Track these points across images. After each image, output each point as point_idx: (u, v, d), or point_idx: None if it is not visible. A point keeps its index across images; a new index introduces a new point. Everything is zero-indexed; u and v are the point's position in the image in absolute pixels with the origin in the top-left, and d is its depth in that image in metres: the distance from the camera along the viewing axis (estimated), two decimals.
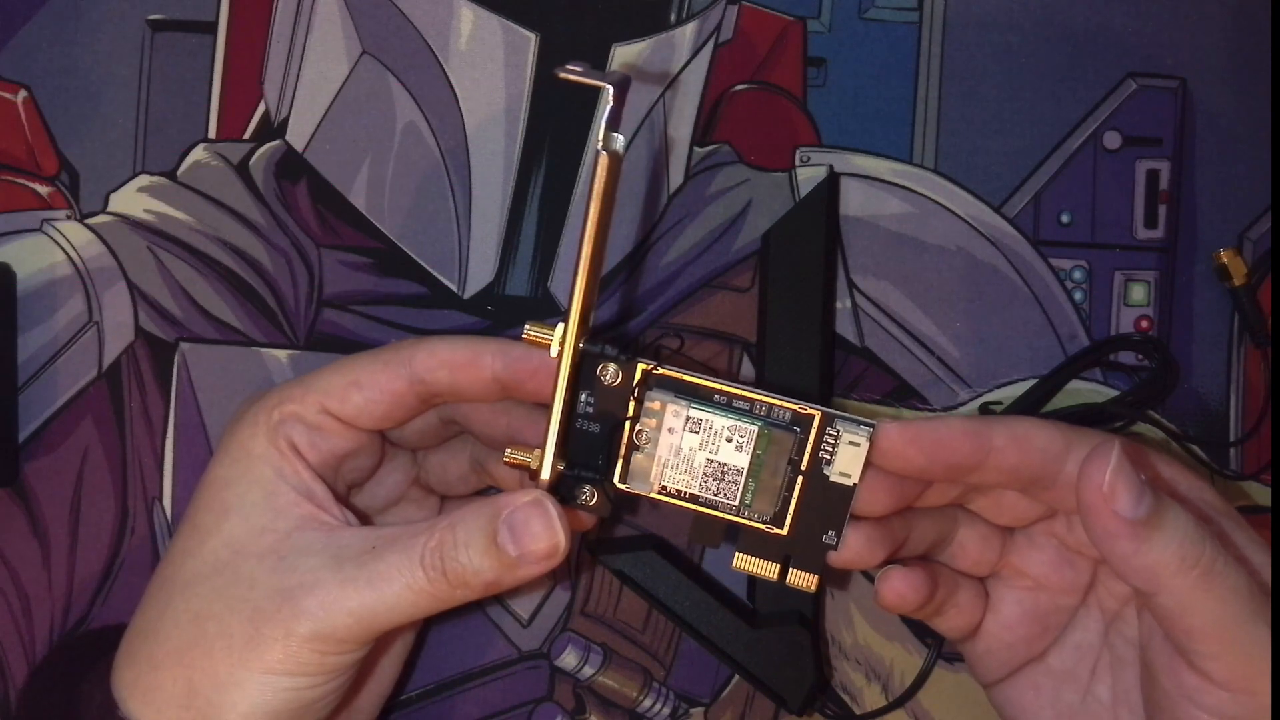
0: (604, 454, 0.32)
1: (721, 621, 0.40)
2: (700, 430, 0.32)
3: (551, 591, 0.43)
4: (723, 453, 0.32)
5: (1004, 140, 0.44)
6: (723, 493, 0.32)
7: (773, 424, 0.31)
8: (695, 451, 0.32)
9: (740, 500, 0.32)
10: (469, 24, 0.43)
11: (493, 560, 0.30)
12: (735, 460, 0.32)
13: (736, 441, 0.31)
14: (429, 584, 0.30)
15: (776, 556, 0.33)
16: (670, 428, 0.32)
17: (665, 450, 0.32)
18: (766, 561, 0.33)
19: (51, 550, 0.42)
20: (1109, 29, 0.44)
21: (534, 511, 0.30)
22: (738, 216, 0.43)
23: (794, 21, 0.43)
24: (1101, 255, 0.44)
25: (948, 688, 0.43)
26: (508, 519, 0.30)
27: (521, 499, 0.31)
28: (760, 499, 0.32)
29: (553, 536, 0.30)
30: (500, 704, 0.42)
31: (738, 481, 0.32)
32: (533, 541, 0.30)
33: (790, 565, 0.33)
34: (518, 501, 0.31)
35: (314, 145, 0.43)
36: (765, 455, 0.32)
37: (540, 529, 0.30)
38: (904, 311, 0.43)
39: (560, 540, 0.30)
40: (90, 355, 0.42)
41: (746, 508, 0.32)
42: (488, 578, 0.31)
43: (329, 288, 0.43)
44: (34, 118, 0.42)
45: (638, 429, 0.32)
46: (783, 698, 0.40)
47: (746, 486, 0.32)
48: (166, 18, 0.42)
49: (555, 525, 0.31)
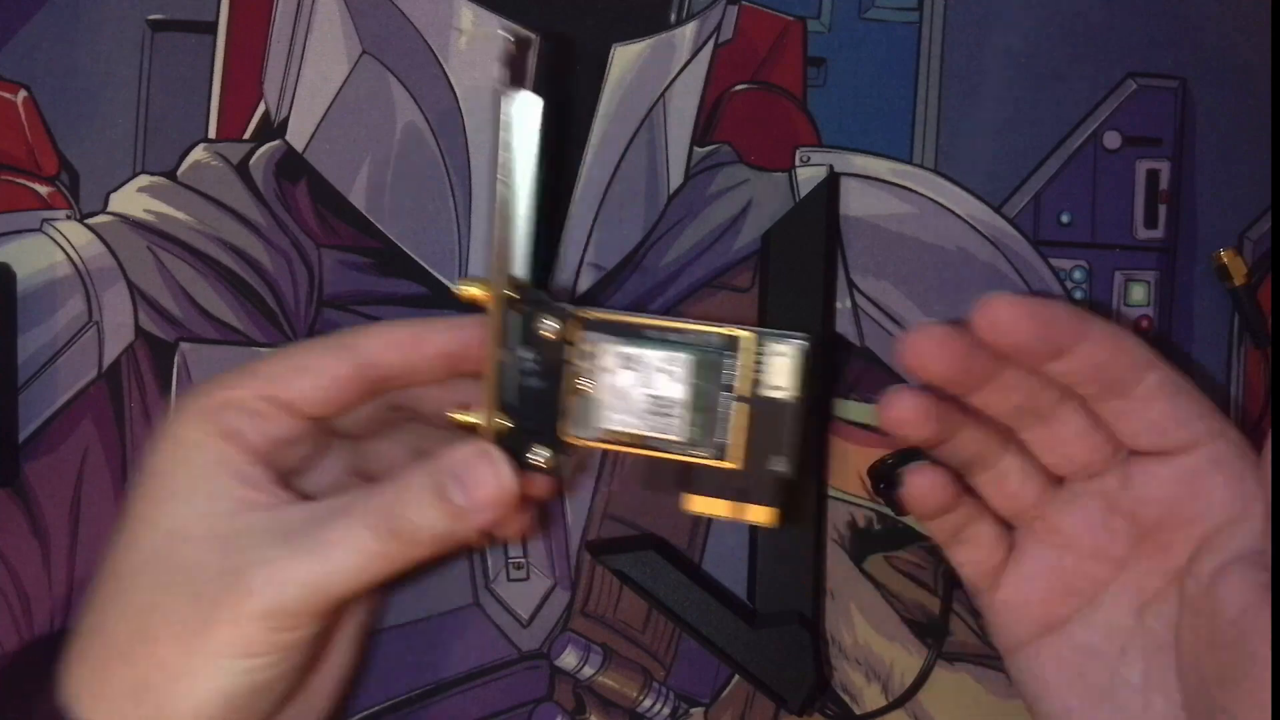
0: (551, 409, 0.32)
1: (721, 621, 0.40)
2: (635, 366, 0.32)
3: (552, 591, 0.43)
4: (660, 386, 0.32)
5: (1004, 140, 0.44)
6: (669, 430, 0.32)
7: (705, 351, 0.32)
8: (634, 389, 0.32)
9: (688, 436, 0.32)
10: (469, 24, 0.43)
11: (441, 512, 0.31)
12: (673, 392, 0.32)
13: (672, 373, 0.32)
14: (379, 545, 0.30)
15: (731, 494, 0.32)
16: (606, 368, 0.32)
17: (605, 393, 0.32)
18: (722, 500, 0.33)
19: (51, 550, 0.42)
20: (1109, 29, 0.44)
21: (479, 460, 0.31)
22: (738, 216, 0.43)
23: (794, 21, 0.43)
24: (1101, 255, 0.44)
25: (948, 688, 0.43)
26: (452, 470, 0.31)
27: (465, 450, 0.31)
28: (705, 432, 0.32)
29: (499, 480, 0.31)
30: (500, 704, 0.42)
31: (681, 415, 0.32)
32: (479, 488, 0.31)
33: (746, 500, 0.32)
34: (462, 453, 0.31)
35: (314, 145, 0.43)
36: (703, 385, 0.32)
37: (486, 475, 0.31)
38: (904, 311, 0.43)
39: (507, 483, 0.31)
40: (90, 355, 0.42)
41: (694, 444, 0.32)
42: (438, 531, 0.31)
43: (329, 288, 0.43)
44: (34, 118, 0.42)
45: (577, 375, 0.32)
46: (783, 698, 0.40)
47: (691, 421, 0.32)
48: (166, 18, 0.42)
49: (501, 470, 0.31)
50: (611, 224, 0.43)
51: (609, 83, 0.43)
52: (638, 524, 0.43)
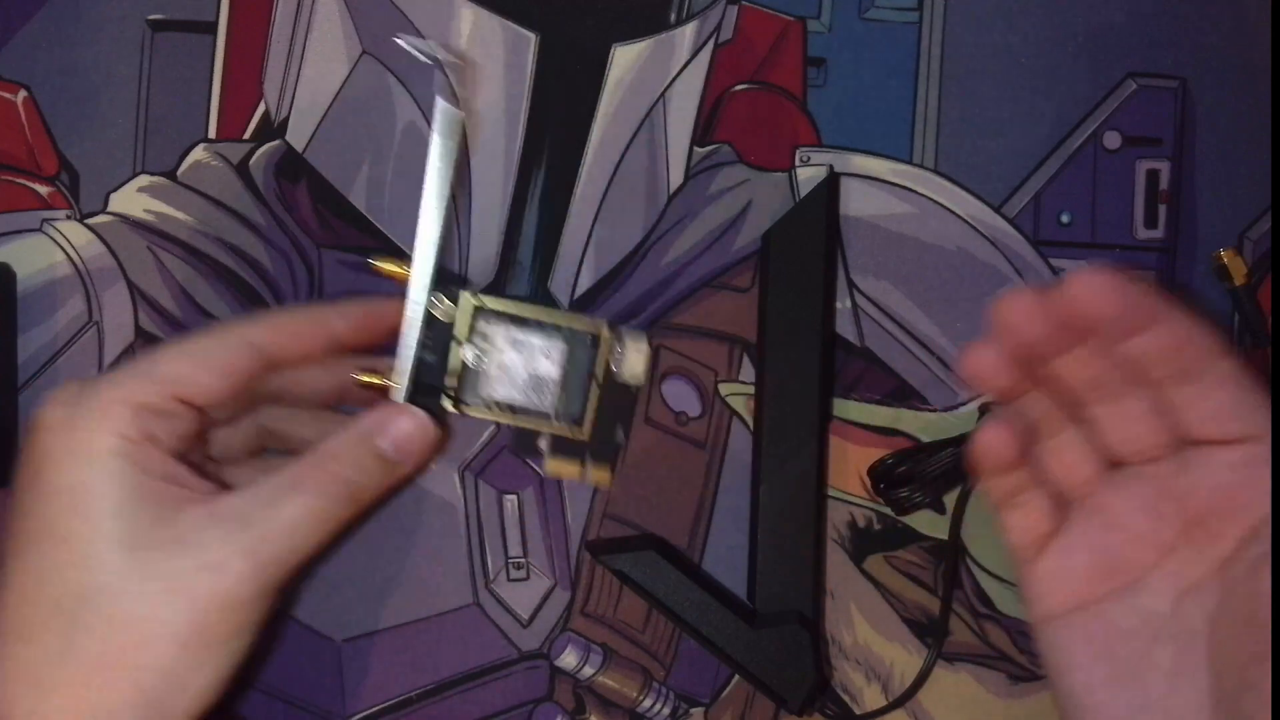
0: (442, 376, 0.39)
1: (721, 621, 0.40)
2: (521, 350, 0.39)
3: (552, 591, 0.43)
4: (540, 366, 0.39)
5: (1004, 140, 0.44)
6: (541, 402, 0.40)
7: (577, 340, 0.39)
8: (518, 366, 0.39)
9: (553, 409, 0.40)
10: (469, 24, 0.43)
11: (381, 468, 0.36)
12: (549, 371, 0.40)
13: (551, 356, 0.39)
14: (336, 508, 0.34)
15: (580, 458, 0.41)
16: (498, 347, 0.39)
17: (494, 367, 0.39)
18: (572, 463, 0.41)
19: None
20: (1109, 29, 0.44)
21: (404, 418, 0.37)
22: (738, 216, 0.43)
23: (794, 21, 0.43)
24: (1101, 255, 0.44)
25: (948, 688, 0.43)
26: (384, 432, 0.36)
27: (390, 413, 0.36)
28: (567, 405, 0.40)
29: (425, 431, 0.37)
30: (500, 704, 0.42)
31: (552, 391, 0.40)
32: (409, 442, 0.36)
33: (588, 463, 0.41)
34: (387, 417, 0.36)
35: (314, 145, 0.43)
36: (571, 368, 0.40)
37: (413, 429, 0.36)
38: (904, 311, 0.43)
39: (429, 430, 0.37)
40: (90, 355, 0.42)
41: (557, 415, 0.40)
42: (381, 484, 0.36)
43: (329, 288, 0.43)
44: (34, 118, 0.42)
45: (470, 352, 0.39)
46: (783, 697, 0.40)
47: (559, 396, 0.40)
48: (166, 18, 0.42)
49: (424, 422, 0.37)
50: (611, 224, 0.43)
51: (609, 83, 0.43)
52: (638, 524, 0.43)
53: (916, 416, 0.43)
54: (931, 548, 0.43)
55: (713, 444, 0.43)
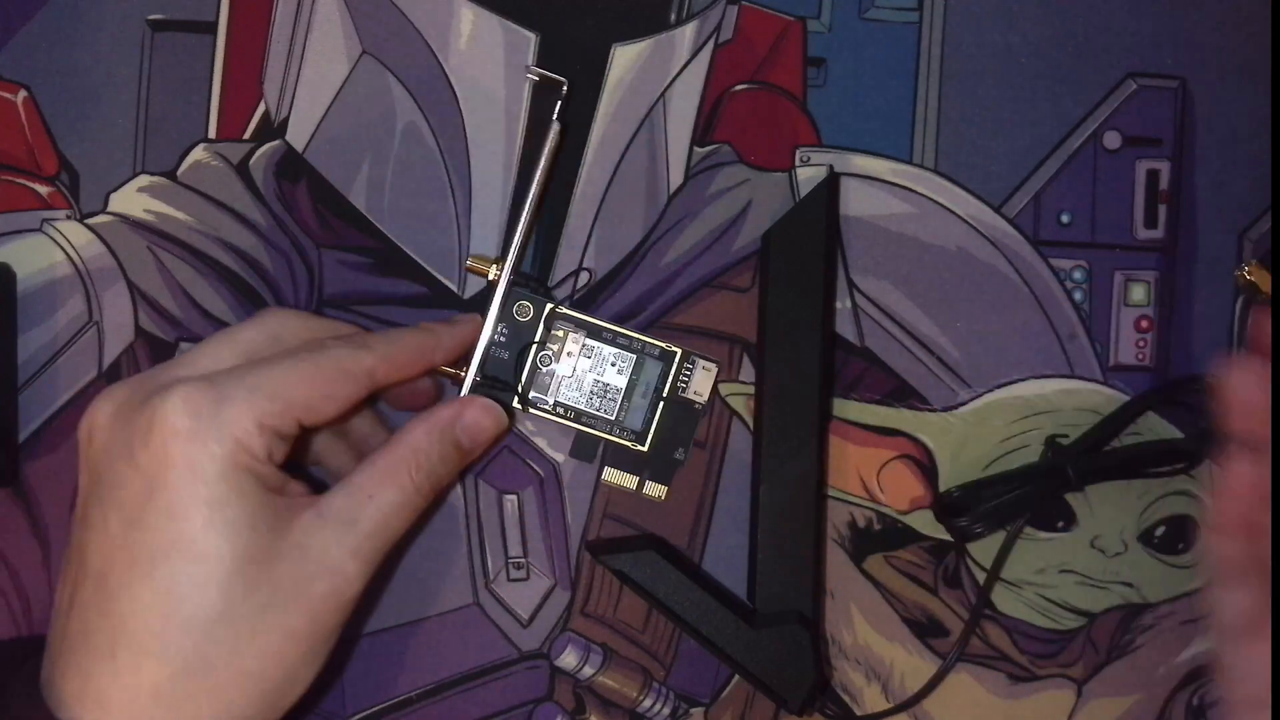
0: (513, 372, 0.41)
1: (721, 621, 0.40)
2: (592, 356, 0.41)
3: (552, 591, 0.43)
4: (608, 375, 0.41)
5: (1004, 140, 0.44)
6: (604, 409, 0.41)
7: (647, 355, 0.41)
8: (586, 373, 0.41)
9: (615, 417, 0.41)
10: (469, 24, 0.43)
11: (460, 458, 0.37)
12: (616, 381, 0.41)
13: (619, 366, 0.41)
14: (422, 499, 0.36)
15: (639, 470, 0.42)
16: (569, 352, 0.41)
17: (564, 369, 0.41)
18: (630, 475, 0.42)
19: (51, 550, 0.42)
20: (1109, 29, 0.44)
21: (478, 410, 0.38)
22: (738, 216, 0.43)
23: (794, 21, 0.43)
24: (1101, 255, 0.44)
25: (948, 688, 0.43)
26: (461, 426, 0.37)
27: (464, 404, 0.38)
28: (631, 416, 0.41)
29: (497, 423, 0.38)
30: (500, 704, 0.42)
31: (616, 399, 0.41)
32: (483, 432, 0.38)
33: (646, 479, 0.42)
34: (463, 407, 0.38)
35: (314, 145, 0.43)
36: (638, 380, 0.41)
37: (487, 421, 0.38)
38: (904, 311, 0.43)
39: (503, 421, 0.39)
40: (90, 355, 0.42)
41: (620, 425, 0.41)
42: (455, 474, 0.38)
43: (329, 288, 0.43)
44: (34, 118, 0.42)
45: (543, 353, 0.41)
46: (783, 697, 0.40)
47: (622, 405, 0.41)
48: (166, 18, 0.42)
49: (498, 414, 0.38)
50: (611, 224, 0.43)
51: (609, 83, 0.43)
52: (638, 524, 0.43)
53: (916, 416, 0.43)
54: (931, 547, 0.43)
55: (713, 444, 0.43)
